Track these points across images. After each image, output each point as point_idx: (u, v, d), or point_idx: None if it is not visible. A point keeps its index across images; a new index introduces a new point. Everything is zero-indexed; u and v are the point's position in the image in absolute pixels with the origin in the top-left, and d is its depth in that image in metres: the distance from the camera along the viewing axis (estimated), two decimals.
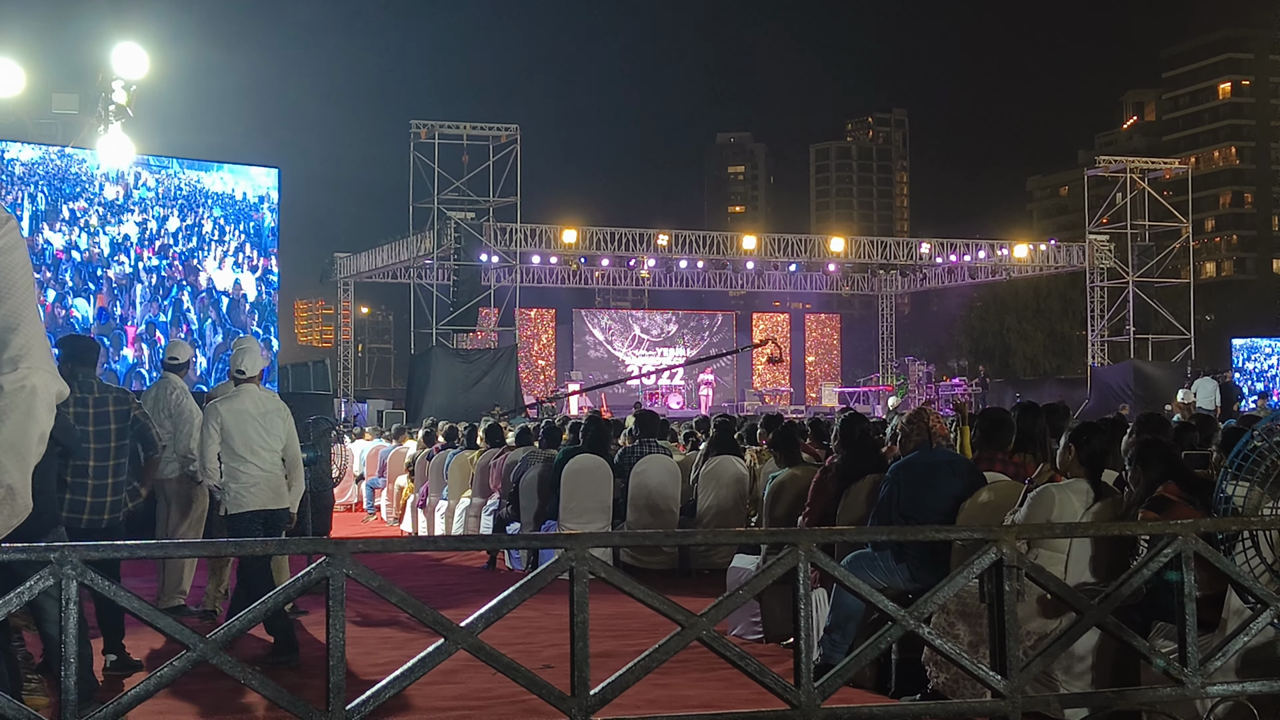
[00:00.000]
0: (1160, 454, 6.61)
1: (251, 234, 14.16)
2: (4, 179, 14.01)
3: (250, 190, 14.11)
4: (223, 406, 9.46)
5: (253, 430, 9.42)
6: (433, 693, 7.69)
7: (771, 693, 2.97)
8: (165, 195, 13.80)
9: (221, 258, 13.89)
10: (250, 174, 14.86)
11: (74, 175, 13.32)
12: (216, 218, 13.89)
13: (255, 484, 9.36)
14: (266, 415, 9.55)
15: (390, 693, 2.74)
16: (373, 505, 22.40)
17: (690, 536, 3.29)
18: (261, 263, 14.42)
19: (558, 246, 44.44)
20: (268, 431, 9.49)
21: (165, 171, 13.72)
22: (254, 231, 14.11)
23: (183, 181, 13.68)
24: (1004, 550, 2.98)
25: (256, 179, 14.81)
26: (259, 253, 14.26)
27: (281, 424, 9.63)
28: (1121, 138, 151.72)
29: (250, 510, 9.30)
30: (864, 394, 48.62)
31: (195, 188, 13.74)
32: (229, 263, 13.97)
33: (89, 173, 13.53)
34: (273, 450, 9.50)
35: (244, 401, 9.52)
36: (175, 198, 13.78)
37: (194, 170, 13.77)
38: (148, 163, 14.12)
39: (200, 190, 13.72)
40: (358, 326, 64.10)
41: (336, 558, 2.72)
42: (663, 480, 13.83)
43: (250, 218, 13.97)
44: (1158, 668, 3.14)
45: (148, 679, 2.59)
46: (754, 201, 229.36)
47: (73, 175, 13.27)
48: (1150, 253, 47.27)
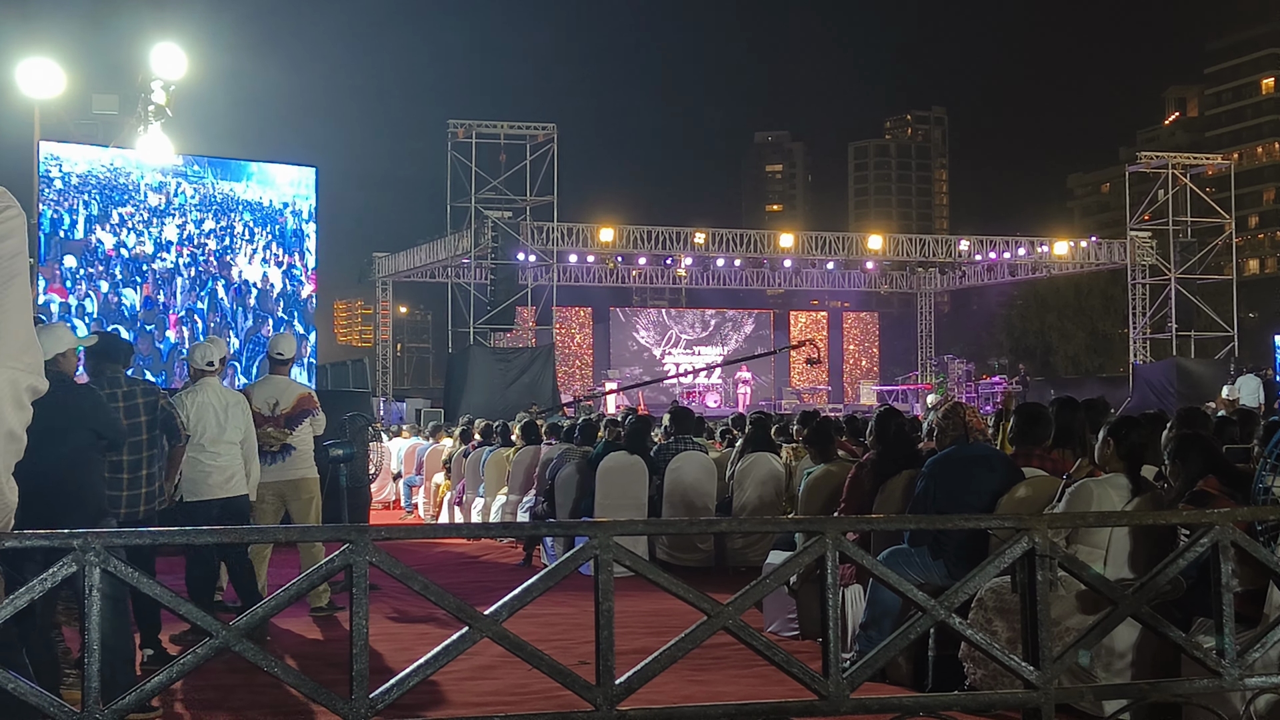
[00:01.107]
0: (1200, 448, 6.53)
1: (277, 235, 15.92)
2: (62, 188, 15.57)
3: (276, 198, 15.88)
4: (187, 399, 9.72)
5: (213, 422, 9.73)
6: (468, 688, 7.70)
7: (799, 683, 2.93)
8: (201, 202, 15.51)
9: (251, 255, 15.55)
10: (276, 183, 16.26)
11: (121, 184, 15.12)
12: (246, 221, 15.68)
13: (210, 474, 9.66)
14: (227, 408, 9.86)
15: (414, 681, 2.72)
16: (410, 502, 22.47)
17: (715, 526, 3.27)
18: (286, 259, 15.99)
19: (595, 245, 44.41)
20: (227, 424, 9.78)
21: (201, 182, 15.51)
22: (279, 233, 15.89)
23: (216, 191, 15.45)
24: (1037, 539, 2.94)
25: (282, 188, 16.23)
26: (284, 250, 15.93)
27: (241, 416, 9.95)
28: (1164, 134, 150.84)
29: (205, 499, 9.59)
30: (903, 392, 48.40)
31: (228, 195, 15.51)
32: (257, 259, 15.62)
33: (134, 182, 15.25)
34: (231, 443, 9.81)
35: (206, 394, 9.81)
36: (210, 204, 15.49)
37: (226, 182, 15.56)
38: (186, 174, 15.67)
39: (232, 198, 15.53)
40: (396, 326, 64.34)
41: (359, 545, 2.69)
42: (698, 477, 13.80)
43: (275, 221, 15.79)
44: (1194, 658, 3.08)
45: (170, 666, 2.58)
46: (792, 200, 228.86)
47: (120, 184, 15.07)
48: (1193, 249, 46.87)
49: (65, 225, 15.38)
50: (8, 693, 2.39)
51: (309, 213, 16.52)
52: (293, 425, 10.82)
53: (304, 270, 16.32)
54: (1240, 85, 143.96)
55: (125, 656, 6.94)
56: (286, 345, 11.37)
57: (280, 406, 10.81)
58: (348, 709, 2.68)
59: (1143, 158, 49.02)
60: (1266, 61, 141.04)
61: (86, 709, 2.44)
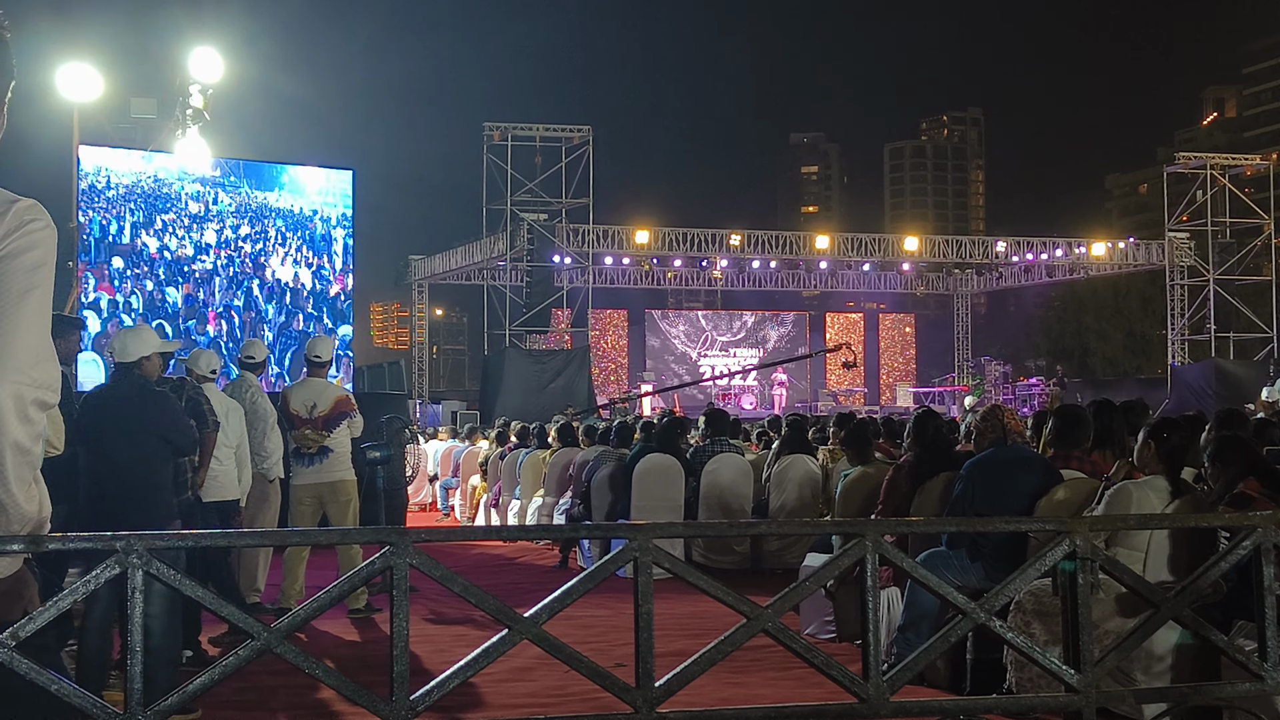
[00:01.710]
0: (1240, 450, 6.49)
1: (307, 239, 17.39)
2: (112, 197, 16.77)
3: (306, 205, 17.29)
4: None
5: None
6: (507, 690, 7.72)
7: (839, 685, 2.93)
8: (237, 209, 16.94)
9: (283, 257, 17.04)
10: (306, 191, 17.53)
11: (164, 193, 16.48)
12: (279, 226, 17.15)
13: (214, 477, 9.73)
14: (227, 414, 9.98)
15: (454, 683, 2.72)
16: (447, 505, 22.50)
17: (754, 528, 3.26)
18: (315, 260, 17.44)
19: (630, 247, 44.43)
20: (228, 429, 9.92)
21: (237, 190, 16.83)
22: (309, 237, 17.37)
23: (251, 199, 16.88)
24: (1078, 541, 2.92)
25: (311, 196, 17.55)
26: (313, 253, 17.40)
27: (238, 422, 10.17)
28: (1202, 134, 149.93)
29: (208, 501, 9.63)
30: (939, 394, 48.24)
31: (262, 203, 16.96)
32: (289, 260, 17.11)
33: (176, 191, 16.58)
34: (229, 446, 9.96)
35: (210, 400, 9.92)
36: (245, 212, 16.96)
37: (260, 191, 16.92)
38: (223, 184, 16.92)
39: (265, 205, 17.02)
40: (432, 328, 64.39)
41: (399, 547, 2.70)
42: (734, 479, 13.80)
43: (306, 226, 17.28)
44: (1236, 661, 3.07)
45: (212, 668, 2.59)
46: (827, 201, 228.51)
47: (163, 193, 16.44)
48: (1231, 250, 46.59)
49: (113, 231, 16.71)
50: (49, 693, 2.40)
51: (337, 218, 17.62)
52: (330, 428, 10.85)
53: (332, 270, 17.60)
54: (1279, 85, 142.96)
55: (169, 659, 7.00)
56: (324, 348, 11.41)
57: (318, 409, 10.84)
58: (388, 710, 2.69)
59: (1181, 158, 48.75)
60: None
61: (129, 710, 2.45)
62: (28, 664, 2.39)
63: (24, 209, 2.69)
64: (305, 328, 17.06)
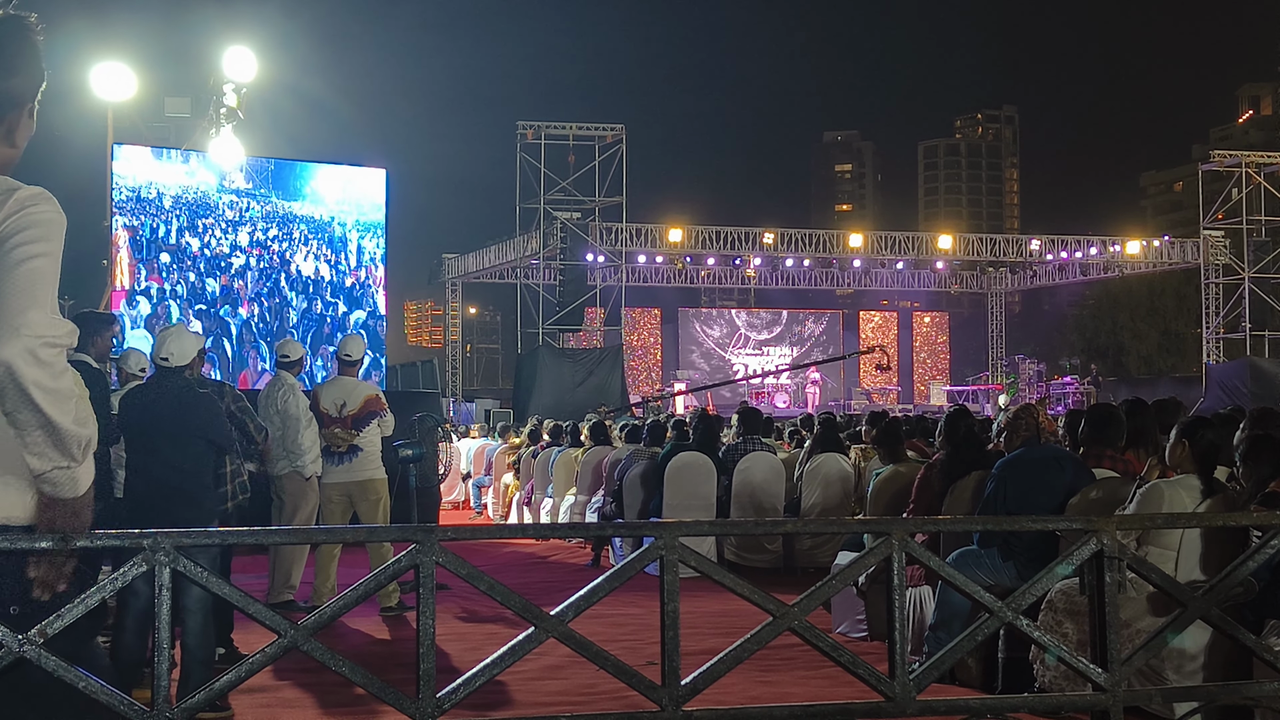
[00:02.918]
0: (1272, 449, 6.43)
1: (326, 240, 20.33)
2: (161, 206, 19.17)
3: (325, 213, 20.22)
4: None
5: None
6: (537, 687, 7.72)
7: (866, 684, 2.93)
8: (266, 216, 19.76)
9: (306, 254, 20.01)
10: (326, 201, 20.36)
11: (204, 203, 19.24)
12: (302, 230, 20.10)
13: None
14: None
15: (481, 680, 2.73)
16: (479, 503, 22.54)
17: (781, 526, 3.25)
18: (333, 257, 20.27)
19: (663, 246, 44.43)
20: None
21: (267, 200, 19.68)
22: (328, 239, 20.33)
23: (279, 208, 19.76)
24: (1105, 540, 2.91)
25: (330, 205, 20.39)
26: (331, 251, 20.28)
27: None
28: (1237, 132, 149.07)
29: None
30: (973, 393, 48.06)
31: (288, 211, 19.83)
32: (310, 257, 20.12)
33: (214, 201, 19.29)
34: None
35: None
36: (273, 218, 19.77)
37: (285, 201, 19.83)
38: (254, 195, 19.65)
39: (290, 213, 19.93)
40: (466, 327, 64.58)
41: (426, 545, 2.71)
42: (767, 477, 13.77)
43: (326, 230, 20.25)
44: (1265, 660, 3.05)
45: (239, 665, 2.61)
46: (861, 200, 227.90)
47: (203, 203, 19.22)
48: (1266, 248, 46.31)
49: (162, 233, 19.16)
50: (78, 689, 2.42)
51: (353, 223, 20.49)
52: (360, 426, 10.86)
53: (347, 265, 20.30)
54: None
55: (204, 657, 7.03)
56: (355, 347, 11.43)
57: (348, 408, 10.86)
58: (415, 708, 2.70)
59: (1216, 156, 48.46)
60: None
61: (156, 708, 2.47)
62: (56, 661, 2.41)
63: (25, 196, 2.78)
64: (323, 312, 19.93)
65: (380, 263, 20.54)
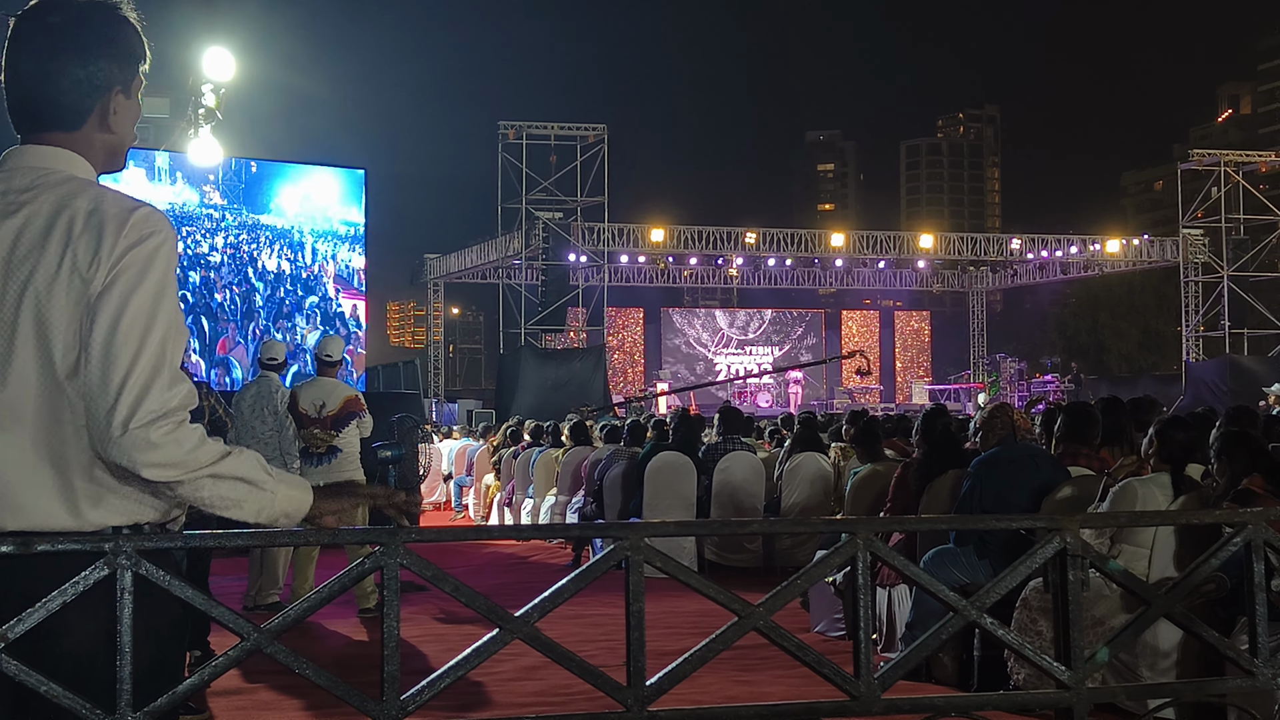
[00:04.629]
0: (1245, 446, 6.47)
1: (286, 243, 23.90)
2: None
3: (286, 223, 23.80)
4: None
5: None
6: (514, 689, 7.73)
7: (831, 683, 2.94)
8: (239, 225, 23.21)
9: (270, 253, 23.63)
10: (288, 214, 23.83)
11: (188, 214, 22.41)
12: (268, 235, 23.60)
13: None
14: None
15: (445, 682, 2.73)
16: (460, 504, 22.54)
17: (748, 526, 3.24)
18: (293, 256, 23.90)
19: (646, 246, 44.47)
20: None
21: (239, 213, 23.13)
22: (289, 243, 23.91)
23: (248, 219, 23.26)
24: (1068, 539, 2.93)
25: (291, 217, 23.90)
26: (291, 251, 23.90)
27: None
28: (1216, 131, 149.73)
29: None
30: (955, 391, 48.20)
31: (256, 221, 23.33)
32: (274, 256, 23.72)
33: (195, 213, 22.53)
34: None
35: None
36: (244, 227, 23.29)
37: (254, 214, 23.34)
38: (228, 209, 23.05)
39: (259, 223, 23.45)
40: (448, 327, 64.59)
41: (390, 547, 2.72)
42: (746, 477, 13.79)
43: (287, 235, 23.85)
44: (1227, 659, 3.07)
45: (202, 669, 2.61)
46: (844, 199, 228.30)
47: (187, 214, 22.39)
48: (1245, 247, 46.54)
49: None
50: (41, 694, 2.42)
51: (309, 230, 24.02)
52: (339, 427, 10.86)
53: (304, 262, 23.80)
54: None
55: None
56: (334, 347, 11.44)
57: (327, 408, 10.86)
58: (378, 710, 2.70)
59: (1195, 155, 48.73)
60: None
61: (118, 712, 2.47)
62: (16, 666, 2.41)
63: (142, 219, 2.65)
64: (283, 297, 23.60)
65: (330, 259, 24.35)
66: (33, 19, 2.77)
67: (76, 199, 2.65)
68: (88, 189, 2.69)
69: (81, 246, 2.58)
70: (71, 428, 2.57)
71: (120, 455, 2.50)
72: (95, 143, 2.82)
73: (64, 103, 2.76)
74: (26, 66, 2.76)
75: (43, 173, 2.72)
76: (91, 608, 2.53)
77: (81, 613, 2.52)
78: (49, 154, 2.76)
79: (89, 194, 2.67)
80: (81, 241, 2.58)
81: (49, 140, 2.77)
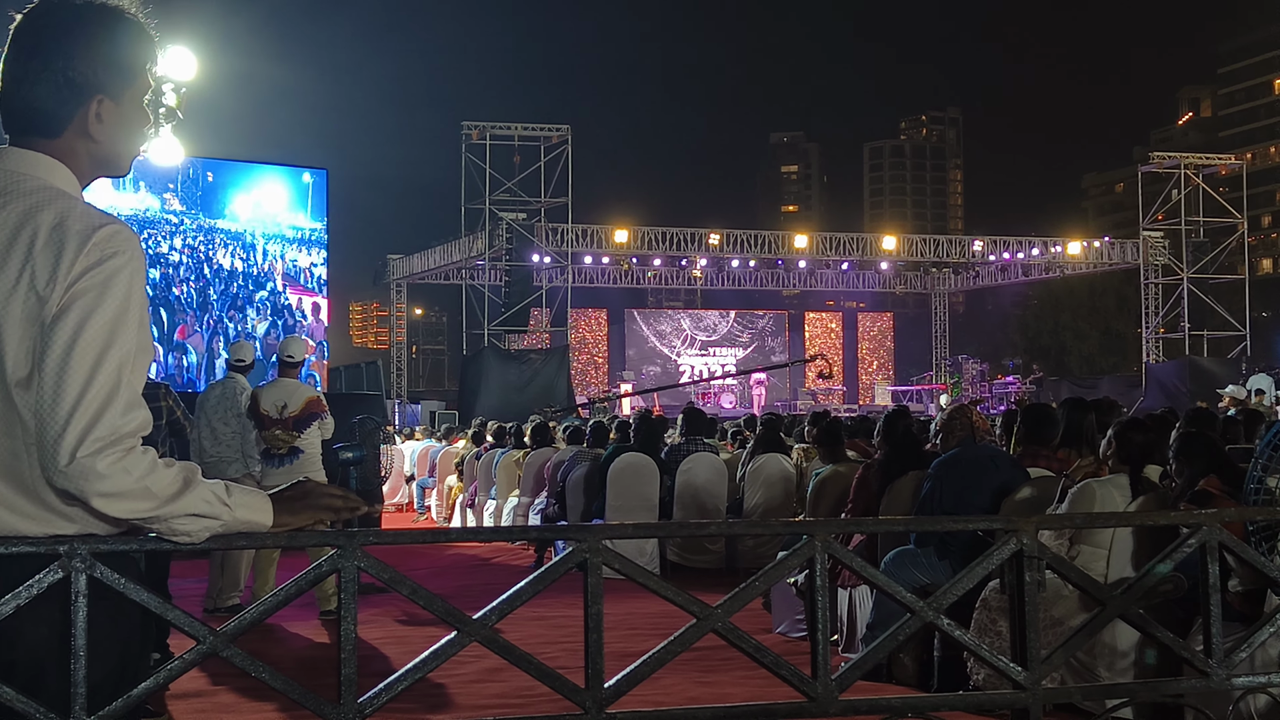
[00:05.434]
0: (1203, 447, 6.52)
1: (239, 244, 26.55)
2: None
3: (240, 227, 26.50)
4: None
5: None
6: (476, 690, 7.71)
7: (788, 684, 2.95)
8: (196, 229, 25.65)
9: (225, 253, 26.15)
10: (241, 219, 26.71)
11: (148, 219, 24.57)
12: (222, 237, 26.10)
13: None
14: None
15: (403, 685, 2.73)
16: (423, 505, 22.49)
17: (706, 528, 3.26)
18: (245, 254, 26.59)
19: (609, 247, 44.45)
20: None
21: (196, 219, 25.62)
22: (241, 244, 26.56)
23: (205, 223, 25.83)
24: (1024, 540, 2.94)
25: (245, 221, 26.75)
26: (244, 250, 26.54)
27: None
28: (1177, 134, 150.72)
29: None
30: (917, 392, 48.37)
31: (212, 225, 25.93)
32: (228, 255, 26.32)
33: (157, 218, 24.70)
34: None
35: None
36: (201, 230, 25.81)
37: (210, 219, 25.89)
38: (186, 214, 25.57)
39: (215, 227, 26.02)
40: (411, 328, 64.44)
41: (348, 550, 2.71)
42: (710, 478, 13.79)
43: (239, 238, 26.48)
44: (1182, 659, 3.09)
45: (157, 673, 2.60)
46: (807, 201, 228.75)
47: (148, 219, 24.55)
48: (1205, 249, 46.84)
49: None
50: None
51: (260, 232, 26.74)
52: (300, 428, 10.81)
53: (255, 261, 26.69)
54: (1253, 85, 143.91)
55: None
56: (297, 348, 11.40)
57: (288, 409, 10.81)
58: (335, 714, 2.70)
59: (1155, 158, 49.01)
60: (1279, 62, 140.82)
61: (72, 716, 2.45)
62: None
63: (105, 238, 2.53)
64: (236, 291, 26.19)
65: (279, 258, 27.14)
66: (27, 18, 2.68)
67: (42, 211, 2.54)
68: (57, 200, 2.58)
69: (40, 263, 2.49)
70: (23, 442, 2.50)
71: (68, 484, 2.43)
72: (79, 151, 2.70)
73: (40, 108, 2.66)
74: (10, 67, 2.67)
75: (18, 178, 2.61)
76: (47, 611, 2.51)
77: (37, 616, 2.50)
78: (28, 159, 2.65)
79: (56, 206, 2.56)
80: (41, 258, 2.49)
81: (31, 145, 2.67)
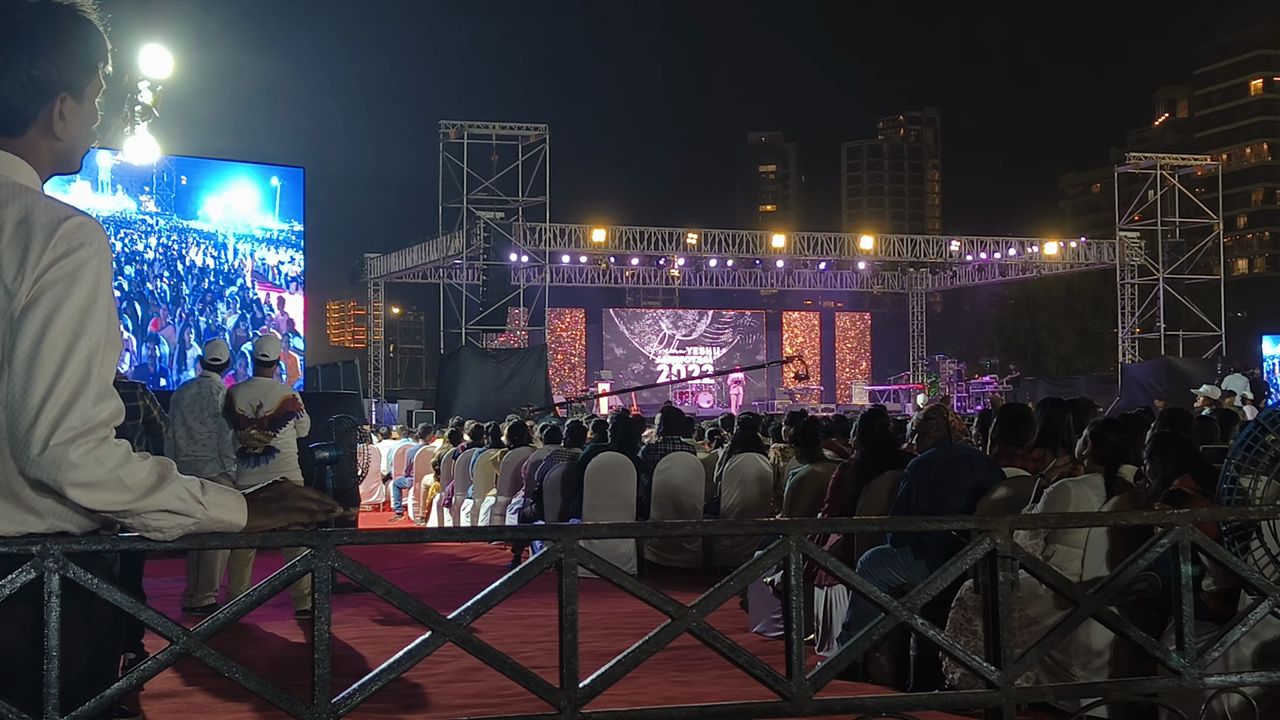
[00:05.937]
0: (1177, 447, 6.55)
1: (212, 244, 27.25)
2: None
3: (212, 227, 27.24)
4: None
5: None
6: (453, 690, 7.70)
7: (763, 684, 2.95)
8: (170, 229, 26.34)
9: (198, 251, 26.89)
10: (213, 220, 27.30)
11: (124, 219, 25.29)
12: (195, 237, 26.79)
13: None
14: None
15: (377, 685, 2.72)
16: (400, 504, 22.44)
17: (681, 529, 3.26)
18: (216, 253, 27.37)
19: (587, 246, 44.43)
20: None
21: (170, 219, 26.21)
22: (213, 244, 27.24)
23: (179, 224, 26.42)
24: (998, 540, 2.95)
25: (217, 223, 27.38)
26: (215, 249, 27.28)
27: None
28: (1154, 134, 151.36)
29: None
30: (895, 392, 48.46)
31: (186, 226, 26.63)
32: (201, 252, 27.06)
33: (133, 218, 25.41)
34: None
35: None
36: (176, 229, 26.41)
37: (184, 219, 26.47)
38: (161, 215, 26.11)
39: (189, 228, 26.68)
40: (389, 327, 64.23)
41: (321, 550, 2.70)
42: (687, 478, 13.79)
43: (212, 237, 27.11)
44: (1156, 659, 3.10)
45: (130, 674, 2.59)
46: (785, 200, 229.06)
47: (124, 219, 25.24)
48: (1181, 249, 47.04)
49: None
50: None
51: (231, 232, 27.52)
52: (276, 427, 10.78)
53: (226, 259, 27.41)
54: (1229, 87, 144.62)
55: None
56: (271, 347, 11.37)
57: (264, 409, 10.77)
58: (309, 714, 2.69)
59: (1132, 159, 49.18)
60: (1255, 63, 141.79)
61: (45, 716, 2.44)
62: None
63: (71, 230, 2.54)
64: (208, 287, 26.86)
65: (249, 256, 27.84)
66: None
67: (7, 206, 2.55)
68: (21, 196, 2.58)
69: (7, 257, 2.49)
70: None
71: (41, 474, 2.43)
72: (41, 149, 2.72)
73: (4, 106, 2.66)
74: None
75: None
76: (19, 611, 2.50)
77: (8, 616, 2.49)
78: None
79: (21, 201, 2.56)
80: (8, 252, 2.50)
81: None
